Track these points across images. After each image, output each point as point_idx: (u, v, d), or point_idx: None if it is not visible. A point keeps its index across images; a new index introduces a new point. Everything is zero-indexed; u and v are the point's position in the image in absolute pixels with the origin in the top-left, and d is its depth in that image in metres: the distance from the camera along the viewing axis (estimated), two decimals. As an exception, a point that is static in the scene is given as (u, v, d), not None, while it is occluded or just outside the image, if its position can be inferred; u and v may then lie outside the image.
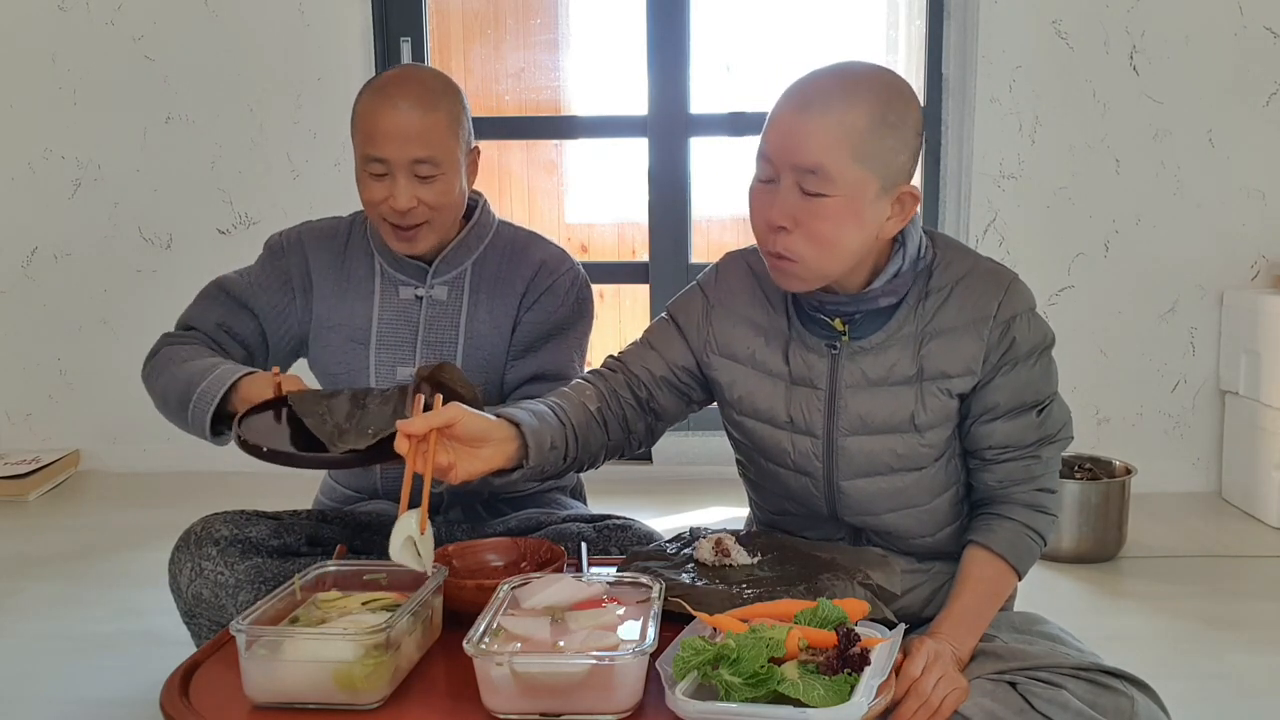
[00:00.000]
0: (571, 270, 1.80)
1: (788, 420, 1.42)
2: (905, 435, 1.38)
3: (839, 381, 1.38)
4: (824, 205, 1.27)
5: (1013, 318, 1.35)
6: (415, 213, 1.64)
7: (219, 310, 1.74)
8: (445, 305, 1.75)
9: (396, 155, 1.61)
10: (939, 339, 1.36)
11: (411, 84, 1.64)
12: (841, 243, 1.29)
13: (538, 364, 1.76)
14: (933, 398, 1.36)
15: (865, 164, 1.26)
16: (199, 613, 1.55)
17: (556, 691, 1.07)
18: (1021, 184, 3.12)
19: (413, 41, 3.34)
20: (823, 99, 1.27)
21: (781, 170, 1.28)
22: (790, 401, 1.41)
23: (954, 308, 1.36)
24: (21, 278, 3.44)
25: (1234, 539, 2.76)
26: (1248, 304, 2.99)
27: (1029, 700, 1.19)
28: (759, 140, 1.32)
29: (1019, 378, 1.37)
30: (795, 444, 1.42)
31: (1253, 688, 1.90)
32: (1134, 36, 3.03)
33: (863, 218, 1.29)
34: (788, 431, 1.42)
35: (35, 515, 3.06)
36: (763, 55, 3.75)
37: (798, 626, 1.12)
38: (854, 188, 1.27)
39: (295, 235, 1.80)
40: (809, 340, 1.41)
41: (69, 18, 3.30)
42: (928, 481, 1.41)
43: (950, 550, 1.44)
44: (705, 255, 3.46)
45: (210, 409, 1.56)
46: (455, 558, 1.43)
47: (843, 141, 1.26)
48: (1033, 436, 1.39)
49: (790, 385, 1.42)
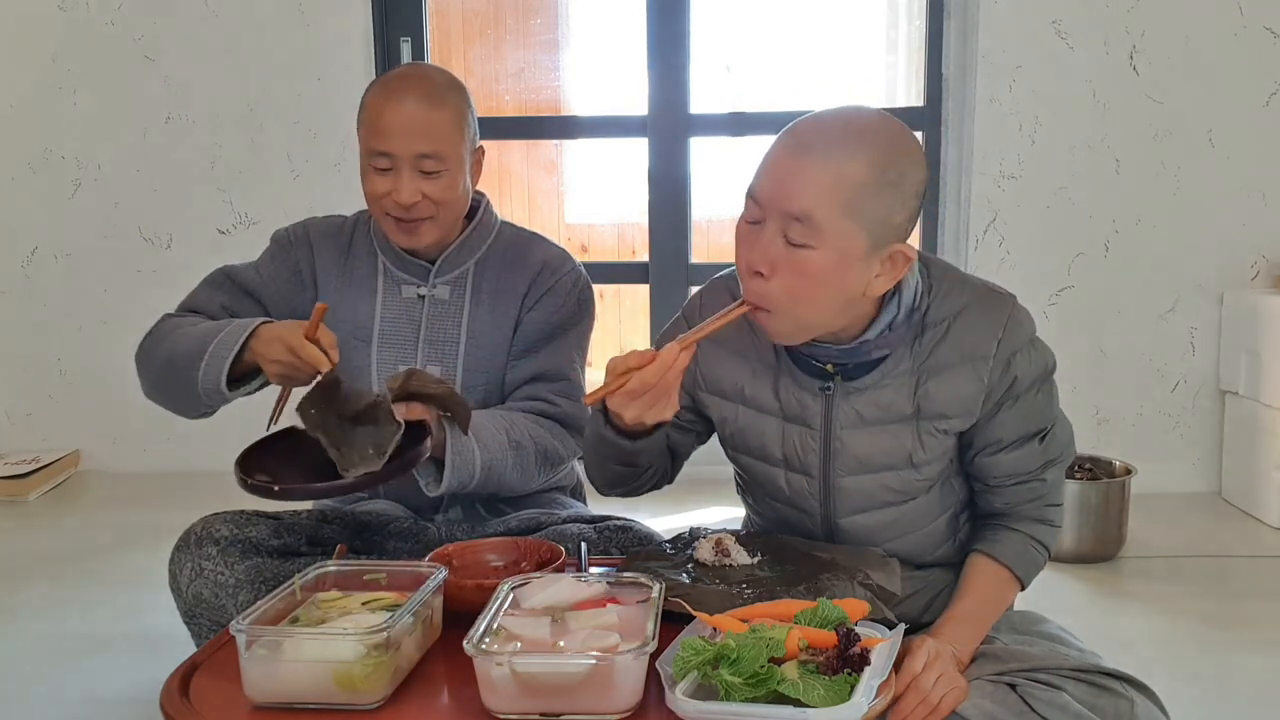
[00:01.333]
0: (573, 271, 1.80)
1: (782, 459, 1.40)
2: (902, 472, 1.36)
3: (834, 422, 1.35)
4: (807, 258, 1.21)
5: (1013, 355, 1.32)
6: (419, 207, 1.65)
7: (224, 295, 1.74)
8: (447, 304, 1.76)
9: (401, 149, 1.62)
10: (937, 378, 1.32)
11: (418, 80, 1.66)
12: (820, 299, 1.23)
13: (539, 364, 1.77)
14: (930, 436, 1.34)
15: (856, 219, 1.20)
16: (199, 613, 1.55)
17: (556, 691, 1.07)
18: (1021, 184, 3.12)
19: (413, 42, 3.33)
20: (823, 146, 1.21)
21: (769, 214, 1.22)
22: (784, 440, 1.39)
23: (952, 344, 1.32)
24: (21, 277, 3.44)
25: (1234, 539, 2.76)
26: (1248, 304, 2.99)
27: (1028, 702, 1.19)
28: (752, 176, 1.26)
29: (1022, 410, 1.35)
30: (790, 481, 1.41)
31: (1253, 688, 1.90)
32: (1134, 36, 3.03)
33: (846, 275, 1.22)
34: (782, 469, 1.41)
35: (35, 515, 3.06)
36: (763, 55, 3.75)
37: (798, 626, 1.12)
38: (841, 242, 1.20)
39: (302, 230, 1.81)
40: (800, 377, 1.36)
41: (69, 18, 3.30)
42: (924, 508, 1.41)
43: (949, 560, 1.45)
44: (705, 255, 3.46)
45: (231, 353, 1.54)
46: (455, 558, 1.43)
47: (835, 193, 1.19)
48: (1038, 462, 1.37)
49: (784, 421, 1.39)
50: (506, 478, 1.66)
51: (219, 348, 1.56)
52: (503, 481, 1.66)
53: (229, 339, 1.56)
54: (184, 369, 1.60)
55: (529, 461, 1.69)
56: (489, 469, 1.62)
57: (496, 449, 1.63)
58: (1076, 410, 3.09)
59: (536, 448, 1.70)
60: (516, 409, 1.75)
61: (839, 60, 3.79)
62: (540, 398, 1.76)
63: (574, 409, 1.78)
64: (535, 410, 1.75)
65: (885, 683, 1.08)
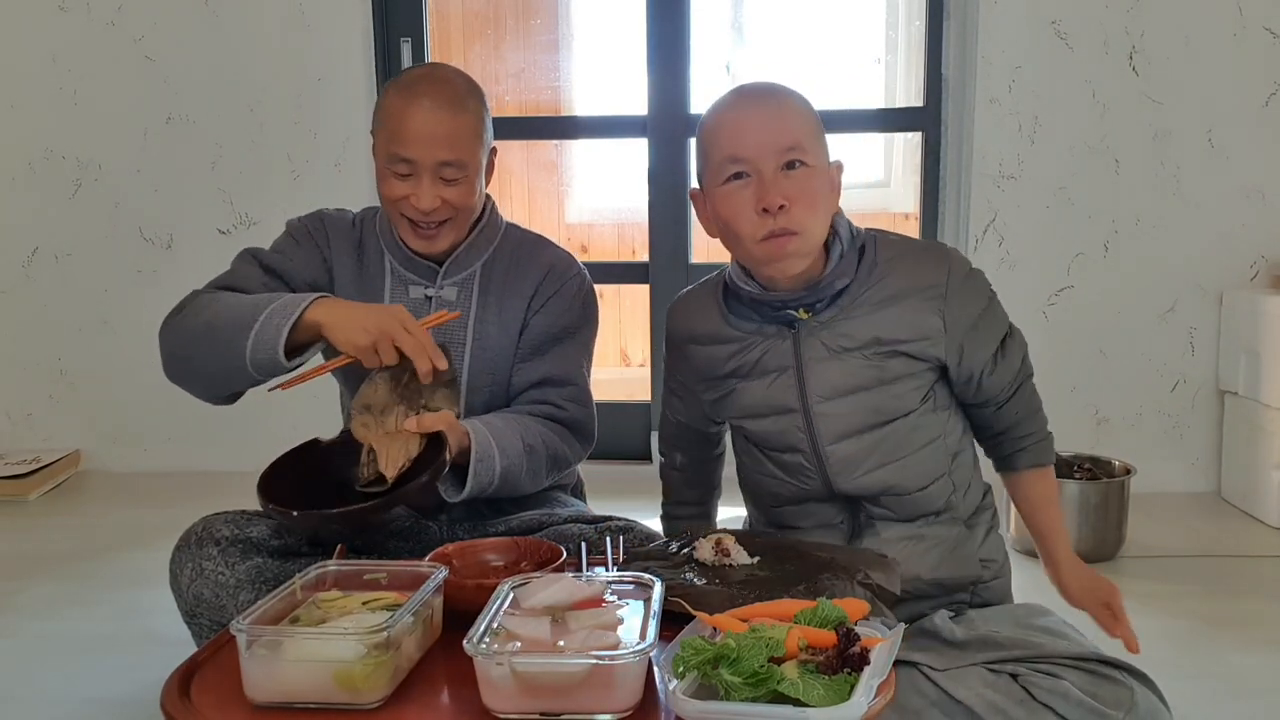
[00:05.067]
0: (579, 275, 1.82)
1: (769, 406, 1.54)
2: (873, 391, 1.49)
3: (802, 357, 1.51)
4: (810, 174, 1.43)
5: (961, 283, 1.50)
6: (437, 212, 1.66)
7: (261, 274, 1.72)
8: (454, 306, 1.77)
9: (423, 157, 1.62)
10: (891, 307, 1.49)
11: (440, 85, 1.65)
12: (821, 209, 1.44)
13: (546, 368, 1.77)
14: (892, 359, 1.49)
15: (819, 138, 1.47)
16: (200, 613, 1.55)
17: (556, 691, 1.07)
18: (1021, 184, 3.12)
19: (413, 42, 3.33)
20: (771, 94, 1.47)
21: (762, 161, 1.42)
22: (769, 391, 1.53)
23: (901, 275, 1.49)
24: (21, 278, 3.44)
25: (1234, 539, 2.76)
26: (1247, 304, 2.99)
27: (1029, 691, 1.20)
28: (712, 151, 1.46)
29: (986, 325, 1.52)
30: (778, 423, 1.53)
31: (1253, 688, 1.90)
32: (1134, 37, 3.04)
33: (830, 187, 1.47)
34: (772, 416, 1.54)
35: (35, 515, 3.06)
36: (763, 55, 3.75)
37: (798, 626, 1.12)
38: (820, 158, 1.46)
39: (318, 221, 1.80)
40: (768, 330, 1.53)
41: (69, 18, 3.30)
42: (906, 431, 1.50)
43: (948, 509, 1.52)
44: (705, 255, 3.46)
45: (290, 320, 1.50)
46: (455, 558, 1.43)
47: (806, 118, 1.46)
48: (1016, 363, 1.56)
49: (765, 375, 1.54)
50: (521, 481, 1.68)
51: (273, 316, 1.52)
52: (517, 485, 1.67)
53: (284, 308, 1.52)
54: (229, 339, 1.54)
55: (540, 465, 1.71)
56: (507, 474, 1.64)
57: (514, 454, 1.64)
58: (1076, 410, 3.11)
59: (548, 451, 1.72)
60: (524, 412, 1.75)
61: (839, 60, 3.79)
62: (548, 401, 1.77)
63: (581, 414, 1.79)
64: (543, 414, 1.76)
65: (885, 682, 1.08)
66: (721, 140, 1.45)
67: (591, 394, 1.85)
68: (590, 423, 1.83)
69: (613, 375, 4.38)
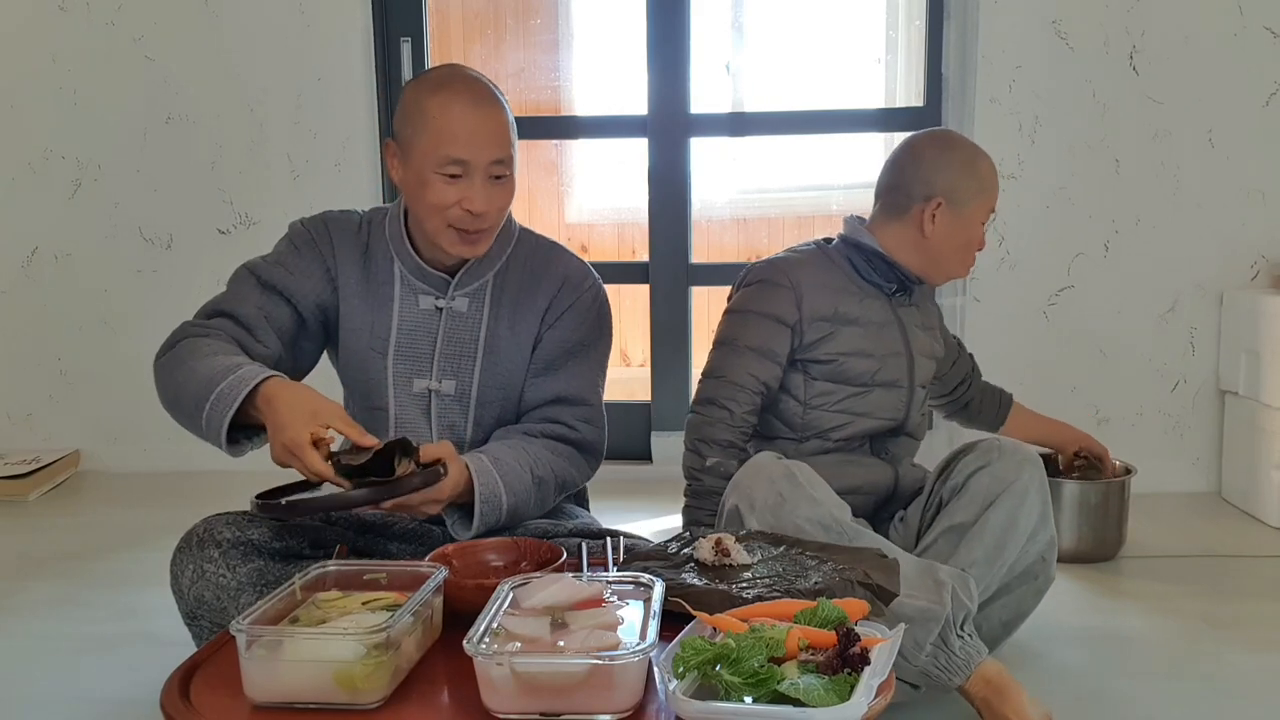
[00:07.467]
0: (594, 287, 1.79)
1: (877, 351, 1.93)
2: (936, 349, 2.08)
3: (903, 320, 1.99)
4: None
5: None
6: (487, 215, 1.64)
7: (257, 295, 1.69)
8: (465, 317, 1.73)
9: (478, 157, 1.60)
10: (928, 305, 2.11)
11: (474, 83, 1.64)
12: None
13: (559, 386, 1.75)
14: (936, 341, 2.09)
15: None
16: (201, 615, 1.54)
17: (556, 691, 1.07)
18: (1021, 184, 3.12)
19: (413, 42, 3.33)
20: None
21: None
22: (880, 336, 1.94)
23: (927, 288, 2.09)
24: (21, 278, 3.44)
25: (1234, 539, 2.76)
26: (1248, 304, 2.99)
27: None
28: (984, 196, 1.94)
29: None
30: (886, 362, 1.94)
31: (1253, 688, 1.90)
32: (1134, 36, 3.03)
33: None
34: (876, 359, 1.93)
35: (35, 515, 3.06)
36: (762, 55, 3.75)
37: (798, 626, 1.12)
38: None
39: (322, 225, 1.76)
40: (870, 291, 1.97)
41: (69, 18, 3.30)
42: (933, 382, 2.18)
43: None
44: (705, 255, 3.46)
45: (228, 414, 1.50)
46: (455, 558, 1.43)
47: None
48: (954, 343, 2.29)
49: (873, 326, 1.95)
50: (529, 512, 1.67)
51: (218, 403, 1.50)
52: (525, 515, 1.67)
53: (229, 392, 1.49)
54: (190, 414, 1.56)
55: (549, 493, 1.71)
56: (515, 511, 1.63)
57: (521, 490, 1.63)
58: (1077, 410, 3.11)
59: (556, 480, 1.71)
60: (535, 431, 1.73)
61: (838, 60, 3.78)
62: (560, 421, 1.74)
63: (593, 434, 1.77)
64: (554, 434, 1.74)
65: (885, 682, 1.08)
66: (989, 188, 1.97)
67: (604, 413, 1.82)
68: (601, 443, 1.80)
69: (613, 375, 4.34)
